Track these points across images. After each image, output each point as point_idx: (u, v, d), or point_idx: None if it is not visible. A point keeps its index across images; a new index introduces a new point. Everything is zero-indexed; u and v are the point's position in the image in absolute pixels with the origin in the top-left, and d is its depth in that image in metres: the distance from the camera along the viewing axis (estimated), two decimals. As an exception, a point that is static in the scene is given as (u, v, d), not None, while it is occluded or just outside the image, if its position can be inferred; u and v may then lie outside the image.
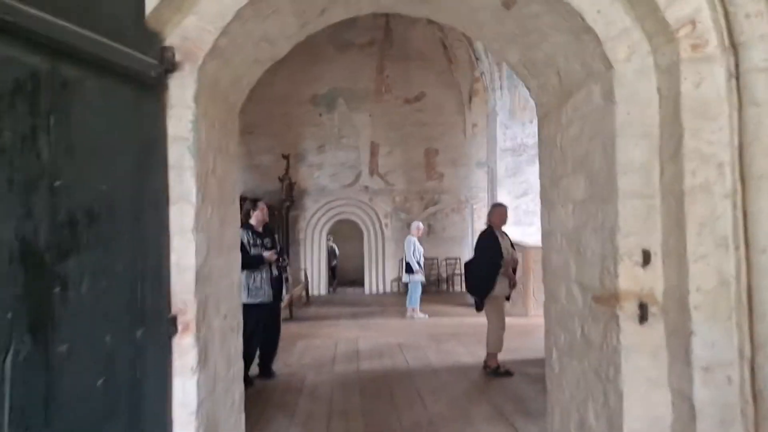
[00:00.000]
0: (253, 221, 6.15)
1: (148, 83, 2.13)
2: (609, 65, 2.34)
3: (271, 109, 15.24)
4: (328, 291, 15.75)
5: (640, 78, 2.32)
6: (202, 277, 2.41)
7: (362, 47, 15.48)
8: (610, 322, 2.38)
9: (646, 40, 2.30)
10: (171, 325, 2.27)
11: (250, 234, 6.04)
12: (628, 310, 2.31)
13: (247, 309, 6.14)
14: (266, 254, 6.08)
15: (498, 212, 6.48)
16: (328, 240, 16.96)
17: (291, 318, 10.74)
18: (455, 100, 15.52)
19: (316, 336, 8.81)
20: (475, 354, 7.24)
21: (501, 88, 11.55)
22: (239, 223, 3.65)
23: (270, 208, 14.71)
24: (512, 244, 6.53)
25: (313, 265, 15.33)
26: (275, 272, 6.21)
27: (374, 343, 8.09)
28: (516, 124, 11.62)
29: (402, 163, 15.47)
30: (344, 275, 19.19)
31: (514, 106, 11.60)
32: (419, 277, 10.46)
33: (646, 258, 2.30)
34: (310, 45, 15.59)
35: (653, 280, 2.30)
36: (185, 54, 2.31)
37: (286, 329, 9.41)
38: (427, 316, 10.50)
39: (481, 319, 6.72)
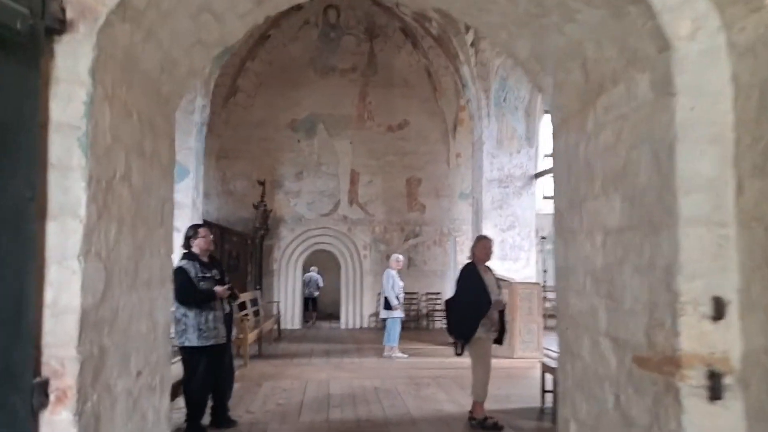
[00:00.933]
0: (196, 250, 5.40)
1: (12, 41, 1.45)
2: (665, 45, 1.73)
3: (248, 133, 14.62)
4: (304, 324, 14.90)
5: (707, 62, 1.70)
6: (94, 323, 1.71)
7: (344, 73, 14.98)
8: (665, 396, 1.72)
9: (716, 11, 1.69)
10: (39, 395, 1.56)
11: (197, 266, 5.30)
12: (692, 380, 1.65)
13: (197, 352, 5.39)
14: (218, 289, 5.35)
15: (482, 245, 5.83)
16: (311, 270, 16.17)
17: (259, 355, 9.91)
18: (439, 128, 15.02)
19: (284, 376, 8.01)
20: (458, 402, 6.51)
21: (488, 116, 11.05)
22: (171, 251, 2.94)
23: (243, 236, 14.04)
24: (498, 281, 5.87)
25: (287, 298, 14.51)
26: (227, 308, 5.47)
27: (348, 387, 7.31)
28: (503, 153, 11.09)
29: (382, 193, 14.85)
30: (321, 308, 18.34)
31: (501, 135, 11.09)
32: (398, 313, 9.73)
33: (719, 309, 1.65)
34: (290, 68, 15.11)
35: (728, 340, 1.66)
36: (80, 9, 1.65)
37: (253, 368, 8.63)
38: (406, 356, 9.74)
39: (464, 360, 6.03)
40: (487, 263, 5.90)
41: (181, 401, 5.40)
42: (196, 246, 5.45)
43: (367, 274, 14.65)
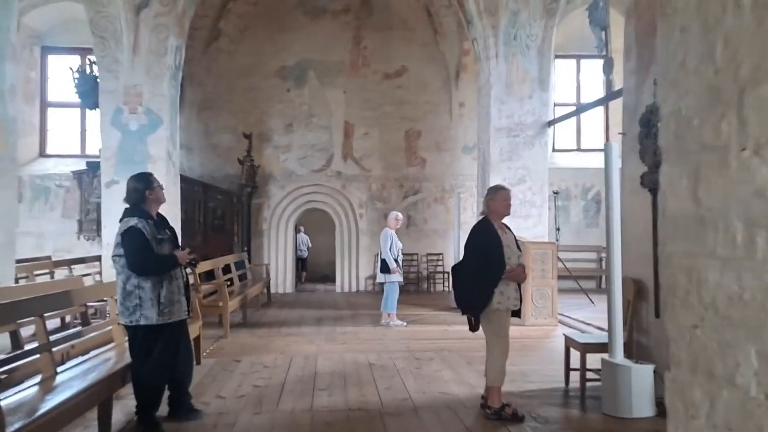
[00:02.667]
0: (150, 206, 4.33)
1: None
2: None
3: (232, 82, 13.43)
4: (295, 288, 13.95)
5: None
6: None
7: (337, 14, 13.69)
8: None
9: None
10: None
11: (151, 225, 4.25)
12: None
13: (154, 331, 4.38)
14: (180, 254, 4.32)
15: (500, 197, 4.76)
16: (299, 231, 15.18)
17: (244, 324, 8.97)
18: (440, 75, 13.80)
19: (267, 350, 7.06)
20: (467, 382, 5.56)
21: (496, 56, 9.85)
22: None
23: (229, 194, 12.96)
24: (517, 243, 4.83)
25: (278, 260, 13.53)
26: (184, 276, 4.44)
27: (339, 363, 6.36)
28: (513, 99, 9.94)
29: (379, 147, 13.72)
30: (316, 270, 17.44)
31: (511, 78, 9.91)
32: (397, 277, 8.74)
33: None
34: (277, 10, 13.75)
35: None
36: None
37: (234, 340, 7.68)
38: (405, 323, 8.79)
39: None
40: (504, 220, 4.87)
41: (129, 389, 4.44)
42: (154, 200, 4.38)
43: (363, 234, 13.65)
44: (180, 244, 4.47)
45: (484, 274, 4.45)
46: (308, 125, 13.63)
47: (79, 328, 5.28)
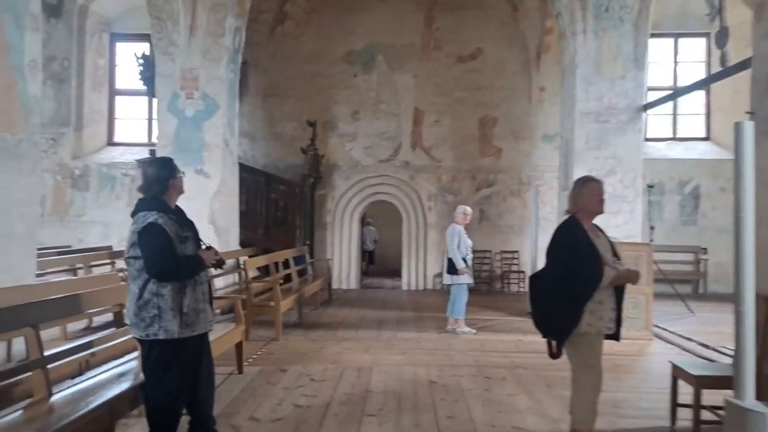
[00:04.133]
0: (169, 198, 3.62)
1: None
2: None
3: (297, 68, 12.84)
4: (360, 283, 13.26)
5: None
6: None
7: (407, -5, 12.83)
8: None
9: None
10: None
11: (173, 221, 3.55)
12: None
13: (175, 346, 3.70)
14: (206, 254, 3.60)
15: (591, 190, 3.77)
16: (366, 223, 14.50)
17: (299, 324, 8.33)
18: (519, 58, 12.68)
19: (317, 358, 6.34)
20: (546, 413, 4.63)
21: (584, 31, 8.71)
22: None
23: (291, 185, 12.40)
24: (614, 249, 3.83)
25: (341, 254, 12.88)
26: (207, 278, 3.72)
27: (395, 379, 5.56)
28: (603, 80, 8.77)
29: (451, 135, 12.78)
30: (385, 263, 16.79)
31: (600, 57, 8.75)
32: (465, 278, 7.83)
33: None
34: (344, -9, 13.08)
35: None
36: None
37: (284, 344, 7.03)
38: (474, 330, 7.88)
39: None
40: (594, 221, 3.89)
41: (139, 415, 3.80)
42: (176, 190, 3.68)
43: (431, 229, 12.77)
44: (201, 240, 3.74)
45: (572, 289, 3.51)
46: (375, 112, 12.87)
47: (103, 333, 4.73)
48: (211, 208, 9.05)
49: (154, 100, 11.79)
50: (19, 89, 4.45)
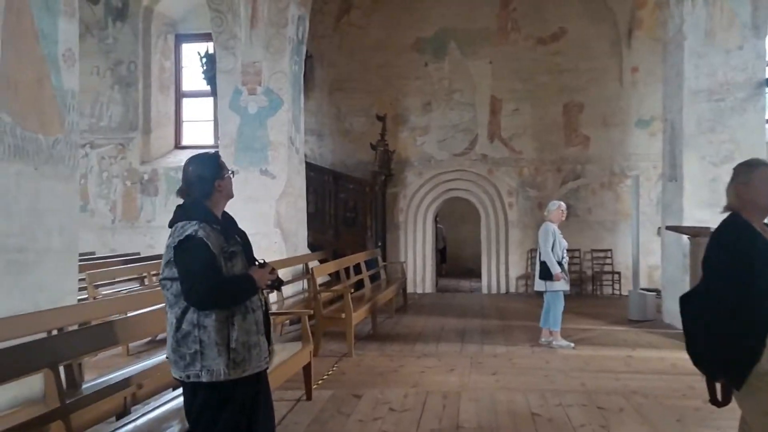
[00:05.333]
0: (214, 203, 2.90)
1: None
2: None
3: (364, 59, 12.14)
4: (436, 286, 12.42)
5: None
6: None
7: (481, -26, 11.88)
8: None
9: None
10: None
11: (218, 232, 2.80)
12: None
13: (224, 390, 2.85)
14: (257, 272, 2.85)
15: (762, 179, 2.77)
16: (435, 221, 13.66)
17: (372, 336, 7.60)
18: (608, 36, 11.48)
19: (396, 380, 5.57)
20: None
21: (692, -3, 7.55)
22: None
23: (361, 183, 11.71)
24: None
25: (416, 256, 12.09)
26: (262, 303, 2.97)
27: (488, 408, 4.70)
28: (715, 51, 7.58)
29: (532, 124, 11.74)
30: (459, 263, 15.89)
31: (712, 25, 7.56)
32: (561, 285, 6.85)
33: None
34: (413, -25, 12.28)
35: None
36: None
37: (358, 361, 6.28)
38: (572, 344, 6.90)
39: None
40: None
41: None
42: (223, 194, 2.93)
43: (513, 227, 11.78)
44: (254, 254, 3.01)
45: (749, 312, 2.56)
46: (449, 103, 11.99)
47: (148, 362, 4.14)
48: (277, 211, 8.46)
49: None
50: (52, 83, 3.88)
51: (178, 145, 13.11)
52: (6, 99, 3.52)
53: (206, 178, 2.83)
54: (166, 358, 2.88)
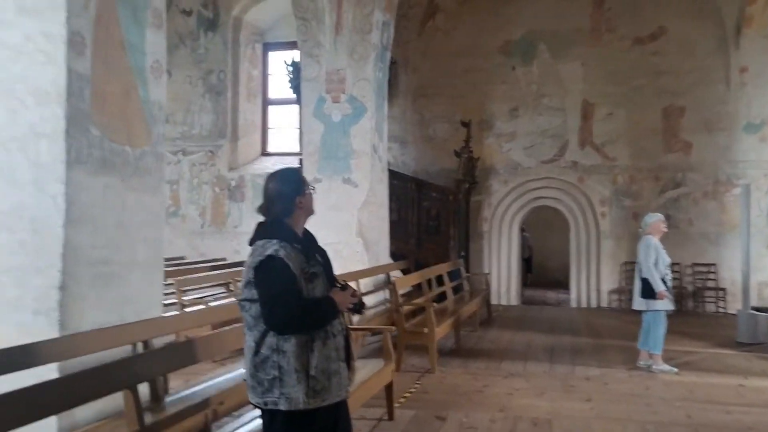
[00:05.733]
0: (295, 221, 2.71)
1: None
2: None
3: (449, 65, 11.89)
4: (521, 298, 11.95)
5: None
6: None
7: (573, -27, 11.35)
8: None
9: None
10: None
11: (298, 251, 2.61)
12: None
13: (303, 419, 2.67)
14: (338, 295, 2.66)
15: None
16: (521, 230, 13.18)
17: (455, 351, 7.32)
18: (712, 34, 10.66)
19: (482, 401, 5.27)
20: None
21: (816, -13, 6.80)
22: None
23: (444, 191, 11.43)
24: None
25: (500, 267, 11.68)
26: (343, 328, 2.78)
27: (584, 440, 4.34)
28: (844, 48, 6.79)
29: (627, 129, 11.08)
30: (543, 274, 15.29)
31: (841, 18, 6.78)
32: (664, 304, 6.31)
33: None
34: (502, -23, 11.91)
35: None
36: None
37: (441, 379, 6.03)
38: (675, 369, 6.33)
39: None
40: None
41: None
42: (304, 211, 2.76)
43: (605, 238, 11.15)
44: (335, 275, 2.83)
45: None
46: (537, 108, 11.52)
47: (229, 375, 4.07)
48: (359, 219, 8.35)
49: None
50: (140, 95, 3.89)
51: (264, 152, 13.35)
52: (95, 112, 3.53)
53: (287, 195, 2.68)
54: (244, 380, 2.77)
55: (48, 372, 3.13)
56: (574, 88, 11.31)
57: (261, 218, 2.75)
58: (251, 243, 2.69)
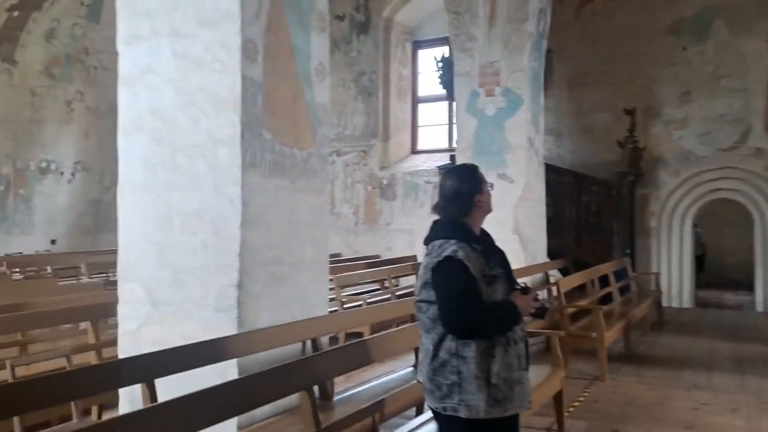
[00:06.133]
0: (473, 220, 2.58)
1: None
2: None
3: (609, 50, 11.10)
4: (695, 300, 10.87)
5: None
6: None
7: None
8: None
9: None
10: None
11: (478, 252, 2.48)
12: None
13: (483, 429, 2.25)
14: (520, 299, 2.49)
15: None
16: (693, 225, 12.02)
17: (625, 357, 6.79)
18: None
19: (662, 417, 4.79)
20: None
21: None
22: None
23: (606, 185, 10.69)
24: None
25: (671, 266, 10.71)
26: (524, 334, 2.59)
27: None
28: None
29: (827, 110, 9.63)
30: (718, 273, 13.80)
31: None
32: None
33: None
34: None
35: None
36: None
37: (613, 387, 5.60)
38: None
39: None
40: None
41: None
42: (483, 210, 2.63)
43: (799, 235, 9.79)
44: (514, 277, 2.65)
45: None
46: (713, 91, 10.38)
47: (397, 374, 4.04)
48: (515, 217, 8.04)
49: (454, 104, 11.39)
50: (306, 98, 3.97)
51: (414, 150, 13.43)
52: (266, 116, 3.65)
53: (465, 194, 2.57)
54: (417, 381, 2.70)
55: (228, 367, 3.29)
56: (758, 66, 10.05)
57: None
58: (426, 242, 2.61)
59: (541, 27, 8.42)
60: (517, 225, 8.06)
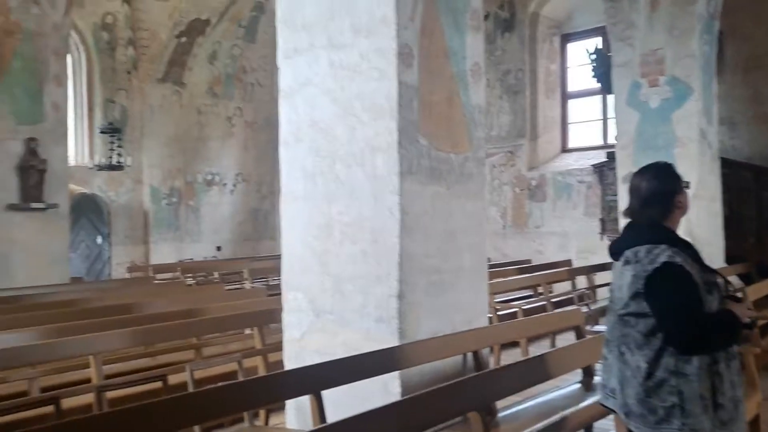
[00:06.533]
0: (673, 222, 2.36)
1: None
2: None
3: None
4: None
5: None
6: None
7: None
8: None
9: None
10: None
11: (691, 257, 2.26)
12: None
13: None
14: (737, 307, 2.27)
15: None
16: None
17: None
18: None
19: None
20: None
21: None
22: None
23: (743, 180, 9.26)
24: None
25: None
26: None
27: None
28: None
29: None
30: None
31: None
32: None
33: None
34: None
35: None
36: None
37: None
38: None
39: None
40: None
41: None
42: (680, 211, 2.40)
43: None
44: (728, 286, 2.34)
45: None
46: None
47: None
48: (687, 217, 7.26)
49: (609, 98, 10.67)
50: (461, 100, 3.83)
51: (564, 149, 12.81)
52: (422, 122, 3.56)
53: (666, 194, 2.34)
54: (602, 405, 2.44)
55: (391, 379, 3.23)
56: None
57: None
58: (624, 248, 2.35)
59: (712, 6, 7.61)
60: (690, 226, 7.29)
